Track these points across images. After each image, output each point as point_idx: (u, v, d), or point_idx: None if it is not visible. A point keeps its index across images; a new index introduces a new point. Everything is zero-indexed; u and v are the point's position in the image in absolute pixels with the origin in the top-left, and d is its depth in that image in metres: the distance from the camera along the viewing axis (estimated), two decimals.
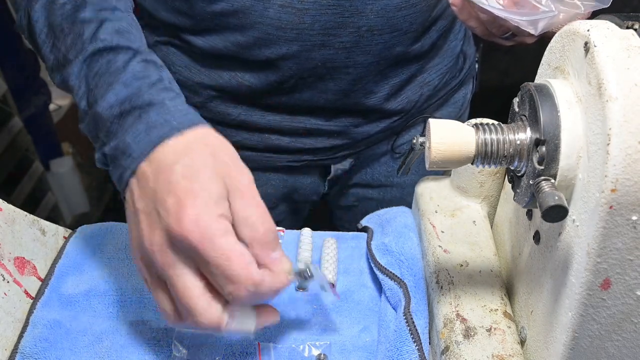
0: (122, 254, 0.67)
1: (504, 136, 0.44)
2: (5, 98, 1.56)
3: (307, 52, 0.71)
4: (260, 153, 0.84)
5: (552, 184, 0.40)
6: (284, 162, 0.85)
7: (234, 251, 0.45)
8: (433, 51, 0.82)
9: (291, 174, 0.89)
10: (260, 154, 0.84)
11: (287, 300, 0.63)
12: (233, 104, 0.79)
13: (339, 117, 0.81)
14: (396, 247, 0.63)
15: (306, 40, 0.70)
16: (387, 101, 0.81)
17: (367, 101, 0.79)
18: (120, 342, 0.58)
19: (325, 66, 0.73)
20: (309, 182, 0.91)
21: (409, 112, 0.84)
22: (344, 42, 0.71)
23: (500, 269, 0.59)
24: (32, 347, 0.57)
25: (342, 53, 0.72)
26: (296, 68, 0.73)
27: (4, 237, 0.60)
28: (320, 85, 0.75)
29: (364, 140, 0.85)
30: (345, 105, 0.79)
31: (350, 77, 0.75)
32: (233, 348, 0.58)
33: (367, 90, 0.78)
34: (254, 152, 0.84)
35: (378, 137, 0.86)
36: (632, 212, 0.37)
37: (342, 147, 0.85)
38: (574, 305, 0.42)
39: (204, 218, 0.44)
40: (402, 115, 0.84)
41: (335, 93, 0.77)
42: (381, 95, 0.80)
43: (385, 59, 0.75)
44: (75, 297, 0.62)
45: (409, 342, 0.54)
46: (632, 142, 0.36)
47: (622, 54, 0.38)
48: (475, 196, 0.65)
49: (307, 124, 0.81)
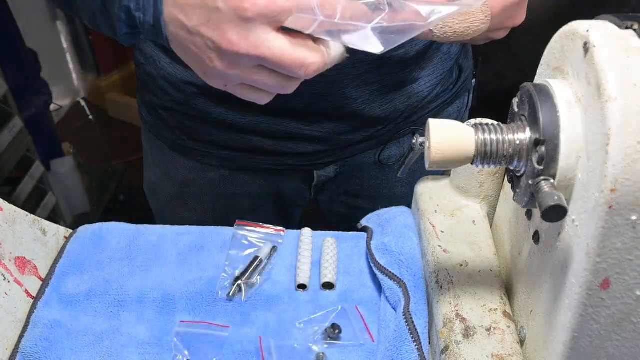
0: (122, 253, 0.67)
1: (503, 136, 0.44)
2: (5, 98, 1.56)
3: None
4: (243, 153, 0.83)
5: (551, 184, 0.40)
6: (267, 165, 0.85)
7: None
8: (422, 60, 0.79)
9: (275, 176, 0.87)
10: (242, 154, 0.83)
11: (287, 300, 0.63)
12: (214, 103, 0.79)
13: (321, 122, 0.79)
14: (396, 247, 0.63)
15: None
16: (369, 107, 0.79)
17: (345, 106, 0.77)
18: (121, 342, 0.59)
19: None
20: (293, 187, 0.90)
21: (394, 121, 0.82)
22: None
23: (499, 269, 0.59)
24: (32, 347, 0.57)
25: None
26: None
27: (4, 237, 0.60)
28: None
29: (348, 148, 0.83)
30: (323, 110, 0.77)
31: (325, 79, 0.72)
32: (233, 348, 0.58)
33: (344, 95, 0.76)
34: (236, 152, 0.83)
35: (363, 146, 0.84)
36: (632, 212, 0.38)
37: (324, 153, 0.83)
38: (574, 305, 0.42)
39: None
40: (386, 124, 0.82)
41: (311, 96, 0.75)
42: (361, 100, 0.77)
43: (361, 62, 0.73)
44: (76, 297, 0.63)
45: (409, 341, 0.54)
46: (631, 142, 0.36)
47: (621, 54, 0.38)
48: (475, 196, 0.65)
49: (288, 127, 0.79)
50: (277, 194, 0.90)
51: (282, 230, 0.71)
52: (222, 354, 0.57)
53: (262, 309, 0.62)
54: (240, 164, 0.85)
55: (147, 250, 0.68)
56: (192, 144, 0.84)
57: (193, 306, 0.62)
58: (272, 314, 0.62)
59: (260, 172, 0.86)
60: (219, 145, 0.83)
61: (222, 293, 0.63)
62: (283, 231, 0.71)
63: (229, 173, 0.86)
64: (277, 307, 0.63)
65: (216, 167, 0.86)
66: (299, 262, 0.66)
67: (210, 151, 0.84)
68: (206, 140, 0.83)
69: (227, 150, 0.83)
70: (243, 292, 0.63)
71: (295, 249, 0.69)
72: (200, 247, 0.69)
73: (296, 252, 0.68)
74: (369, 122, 0.81)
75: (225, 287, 0.64)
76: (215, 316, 0.61)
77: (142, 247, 0.68)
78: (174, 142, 0.85)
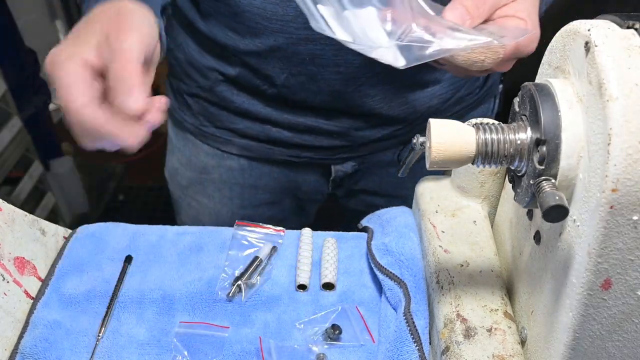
0: (122, 254, 0.67)
1: (504, 136, 0.44)
2: (5, 98, 1.56)
3: (294, 46, 0.71)
4: (262, 144, 0.85)
5: (552, 184, 0.40)
6: (285, 156, 0.86)
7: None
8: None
9: (292, 169, 0.89)
10: (261, 144, 0.85)
11: (287, 300, 0.63)
12: (237, 91, 0.81)
13: (339, 118, 0.81)
14: (396, 247, 0.63)
15: (292, 32, 0.70)
16: (387, 106, 0.79)
17: (363, 104, 0.78)
18: (120, 342, 0.58)
19: (314, 63, 0.73)
20: (311, 180, 0.91)
21: (414, 122, 0.83)
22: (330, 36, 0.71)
23: (500, 269, 0.59)
24: (32, 347, 0.57)
25: (330, 50, 0.71)
26: (284, 62, 0.73)
27: (4, 237, 0.60)
28: (312, 85, 0.75)
29: (367, 146, 0.84)
30: (342, 107, 0.79)
31: (341, 76, 0.74)
32: (233, 348, 0.58)
33: (362, 93, 0.77)
34: (255, 141, 0.85)
35: (382, 145, 0.85)
36: (633, 212, 0.37)
37: (342, 149, 0.85)
38: (575, 306, 0.42)
39: (57, 54, 0.50)
40: (405, 124, 0.83)
41: (329, 94, 0.76)
42: (378, 98, 0.78)
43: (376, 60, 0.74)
44: (75, 297, 0.62)
45: (409, 342, 0.54)
46: (632, 142, 0.36)
47: (622, 53, 0.38)
48: (476, 196, 0.65)
49: (307, 121, 0.81)
50: (295, 187, 0.92)
51: (282, 230, 0.71)
52: (222, 355, 0.57)
53: (262, 309, 0.62)
54: (259, 153, 0.86)
55: (147, 251, 0.68)
56: (214, 130, 0.86)
57: (193, 307, 0.62)
58: (272, 314, 0.62)
59: (278, 164, 0.88)
60: (239, 134, 0.85)
61: (222, 293, 0.63)
62: (283, 231, 0.71)
63: (248, 163, 0.88)
64: (277, 307, 0.62)
65: (236, 156, 0.88)
66: (299, 263, 0.66)
67: (231, 139, 0.86)
68: (228, 128, 0.85)
69: (247, 139, 0.85)
70: (243, 292, 0.63)
71: (295, 249, 0.69)
72: (200, 247, 0.69)
73: (296, 253, 0.68)
74: (388, 121, 0.82)
75: (225, 288, 0.64)
76: (215, 317, 0.61)
77: (142, 248, 0.68)
78: (197, 128, 0.87)
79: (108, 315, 0.60)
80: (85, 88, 0.48)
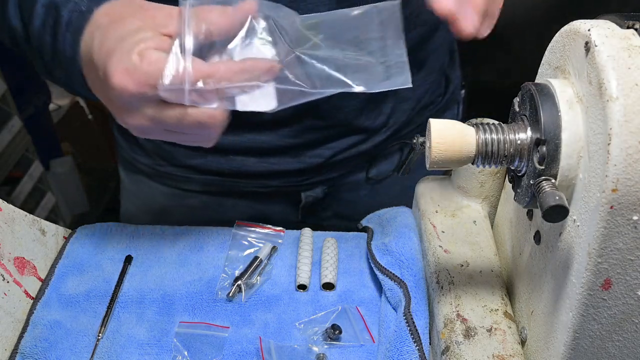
0: (122, 254, 0.67)
1: (504, 136, 0.44)
2: (5, 98, 1.56)
3: None
4: (225, 178, 0.80)
5: (552, 183, 0.40)
6: (251, 188, 0.81)
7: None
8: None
9: (259, 200, 0.83)
10: (224, 178, 0.80)
11: (287, 300, 0.63)
12: None
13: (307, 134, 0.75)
14: (396, 247, 0.63)
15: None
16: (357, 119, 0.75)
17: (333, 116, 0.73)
18: (120, 342, 0.58)
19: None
20: (279, 210, 0.85)
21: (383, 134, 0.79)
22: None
23: (500, 269, 0.59)
24: (32, 347, 0.57)
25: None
26: None
27: (3, 237, 0.60)
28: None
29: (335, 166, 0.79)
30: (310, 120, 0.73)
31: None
32: (233, 348, 0.58)
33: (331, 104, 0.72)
34: (219, 176, 0.80)
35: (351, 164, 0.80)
36: (633, 212, 0.37)
37: (310, 172, 0.79)
38: (575, 306, 0.42)
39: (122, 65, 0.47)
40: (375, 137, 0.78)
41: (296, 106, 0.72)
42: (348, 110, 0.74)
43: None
44: (75, 297, 0.62)
45: (409, 342, 0.54)
46: (632, 142, 0.36)
47: (622, 53, 0.38)
48: (476, 196, 0.65)
49: (272, 139, 0.75)
50: (263, 219, 0.81)
51: (282, 230, 0.71)
52: (222, 355, 0.57)
53: (262, 309, 0.62)
54: (222, 188, 0.81)
55: (147, 251, 0.68)
56: (171, 169, 0.81)
57: (193, 307, 0.62)
58: (272, 314, 0.62)
59: (244, 196, 0.83)
60: (199, 170, 0.80)
61: (222, 293, 0.63)
62: (283, 231, 0.71)
63: (210, 199, 0.83)
64: (277, 307, 0.62)
65: (197, 193, 0.83)
66: (299, 263, 0.66)
67: (191, 176, 0.81)
68: (185, 165, 0.79)
69: (209, 175, 0.80)
70: (243, 292, 0.63)
71: (295, 249, 0.69)
72: (200, 247, 0.69)
73: (296, 253, 0.68)
74: (357, 133, 0.77)
75: (225, 288, 0.64)
76: (215, 317, 0.61)
77: (142, 248, 0.68)
78: (151, 169, 0.82)
79: (108, 315, 0.60)
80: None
